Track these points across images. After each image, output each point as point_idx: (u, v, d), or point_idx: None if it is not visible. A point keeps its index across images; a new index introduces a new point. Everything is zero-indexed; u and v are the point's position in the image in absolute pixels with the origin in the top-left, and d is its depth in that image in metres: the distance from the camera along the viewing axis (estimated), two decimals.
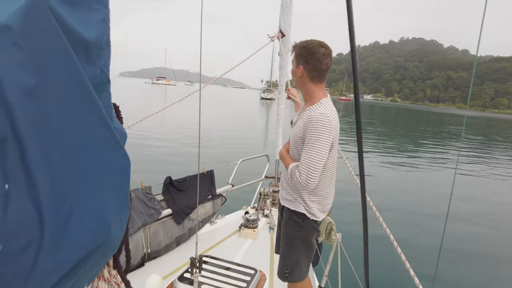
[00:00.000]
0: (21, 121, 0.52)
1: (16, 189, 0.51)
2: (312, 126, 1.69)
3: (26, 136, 0.53)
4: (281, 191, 2.05)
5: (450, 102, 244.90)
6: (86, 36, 0.69)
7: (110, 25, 0.80)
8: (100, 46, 0.75)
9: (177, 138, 13.48)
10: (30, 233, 0.52)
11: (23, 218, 0.52)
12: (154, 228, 2.62)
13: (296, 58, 1.85)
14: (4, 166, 0.49)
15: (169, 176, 2.92)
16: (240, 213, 3.71)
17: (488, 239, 6.37)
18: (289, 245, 1.93)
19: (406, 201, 8.13)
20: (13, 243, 0.49)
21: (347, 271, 2.29)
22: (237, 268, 2.47)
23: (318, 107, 1.77)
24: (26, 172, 0.53)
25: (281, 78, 3.92)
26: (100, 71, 0.76)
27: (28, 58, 0.55)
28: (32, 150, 0.53)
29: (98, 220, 0.68)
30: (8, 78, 0.51)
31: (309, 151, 1.69)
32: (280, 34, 3.60)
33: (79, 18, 0.68)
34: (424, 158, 14.71)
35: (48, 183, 0.56)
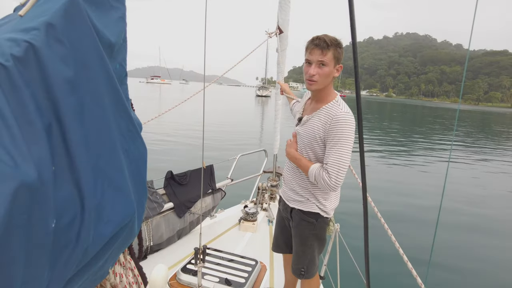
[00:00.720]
0: (64, 109, 0.58)
1: (61, 172, 0.57)
2: (339, 126, 1.63)
3: (68, 123, 0.59)
4: (287, 193, 1.96)
5: (444, 97, 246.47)
6: (108, 34, 0.75)
7: (126, 21, 0.86)
8: (119, 42, 0.81)
9: (177, 135, 13.54)
10: (74, 210, 0.59)
11: (68, 198, 0.58)
12: (156, 221, 2.67)
13: (336, 58, 1.69)
14: (51, 150, 0.55)
15: (170, 171, 2.98)
16: (240, 207, 3.77)
17: (482, 225, 6.55)
18: (304, 244, 1.91)
19: (400, 193, 8.26)
20: (62, 219, 0.56)
21: (346, 260, 2.36)
22: (238, 259, 2.53)
23: (338, 105, 1.70)
24: (68, 156, 0.59)
25: (279, 74, 3.97)
26: (119, 65, 0.82)
27: (69, 53, 0.61)
28: (72, 136, 0.60)
29: (125, 202, 0.75)
30: (52, 70, 0.57)
31: (338, 152, 1.62)
32: (278, 30, 3.64)
33: (102, 16, 0.74)
34: (418, 151, 14.87)
35: (86, 166, 0.63)
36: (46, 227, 0.53)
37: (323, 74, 1.68)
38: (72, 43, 0.62)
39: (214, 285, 2.18)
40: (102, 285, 0.92)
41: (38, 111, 0.54)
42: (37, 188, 0.50)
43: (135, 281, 1.06)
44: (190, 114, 19.26)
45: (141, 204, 0.88)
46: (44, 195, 0.52)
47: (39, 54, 0.56)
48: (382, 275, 4.15)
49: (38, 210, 0.51)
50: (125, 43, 0.84)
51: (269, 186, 3.93)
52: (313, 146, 1.74)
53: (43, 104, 0.55)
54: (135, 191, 0.81)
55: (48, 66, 0.56)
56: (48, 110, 0.56)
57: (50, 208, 0.54)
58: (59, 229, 0.56)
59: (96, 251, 0.67)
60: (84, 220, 0.61)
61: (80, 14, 0.64)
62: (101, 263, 0.74)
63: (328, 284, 2.51)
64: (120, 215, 0.73)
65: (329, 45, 1.65)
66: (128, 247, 1.08)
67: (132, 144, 0.81)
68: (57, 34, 0.59)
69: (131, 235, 0.84)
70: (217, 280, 2.23)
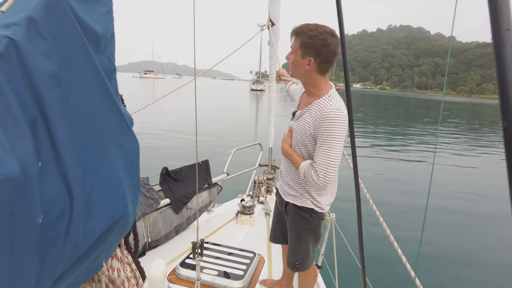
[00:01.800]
0: (48, 104, 0.58)
1: (47, 167, 0.57)
2: (328, 124, 1.55)
3: (52, 118, 0.58)
4: (283, 186, 1.96)
5: (438, 89, 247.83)
6: (95, 27, 0.74)
7: (113, 16, 0.85)
8: (106, 36, 0.80)
9: (170, 130, 13.47)
10: (62, 205, 0.59)
11: (56, 192, 0.58)
12: (153, 217, 2.67)
13: (303, 48, 1.60)
14: (36, 145, 0.55)
15: (166, 167, 2.97)
16: (236, 201, 3.78)
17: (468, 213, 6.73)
18: (298, 238, 1.91)
19: (393, 184, 8.35)
20: (50, 214, 0.56)
21: (342, 248, 2.40)
22: (237, 252, 2.55)
23: (330, 101, 1.61)
24: (55, 151, 0.59)
25: (271, 67, 3.96)
26: (108, 60, 0.82)
27: (52, 48, 0.60)
28: (58, 131, 0.59)
29: (117, 196, 0.75)
30: (34, 65, 0.57)
31: (326, 151, 1.56)
32: (269, 23, 3.62)
33: (88, 10, 0.73)
34: (409, 143, 15.01)
35: (74, 161, 0.62)
36: (32, 221, 0.53)
37: (291, 62, 1.68)
38: (54, 37, 0.61)
39: (213, 278, 2.20)
40: (99, 279, 0.92)
41: (21, 106, 0.54)
42: (21, 182, 0.49)
43: (133, 275, 1.06)
44: (184, 109, 19.20)
45: (135, 198, 0.88)
46: (28, 190, 0.51)
47: (20, 49, 0.55)
48: (377, 262, 4.25)
49: (22, 205, 0.50)
50: (113, 37, 0.84)
51: (265, 179, 3.95)
52: (305, 142, 1.70)
53: (26, 99, 0.55)
54: (129, 186, 0.81)
55: (30, 61, 0.56)
56: (32, 105, 0.56)
57: (36, 203, 0.53)
58: (47, 223, 0.55)
59: (87, 245, 0.67)
60: (73, 215, 0.61)
61: (62, 7, 0.64)
62: (94, 257, 0.74)
63: (326, 273, 2.54)
64: (111, 209, 0.73)
65: (297, 33, 1.61)
66: (125, 242, 1.09)
67: (124, 139, 0.81)
68: (38, 28, 0.59)
69: (125, 229, 0.84)
70: (216, 273, 2.25)
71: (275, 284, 2.30)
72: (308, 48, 1.59)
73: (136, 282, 1.06)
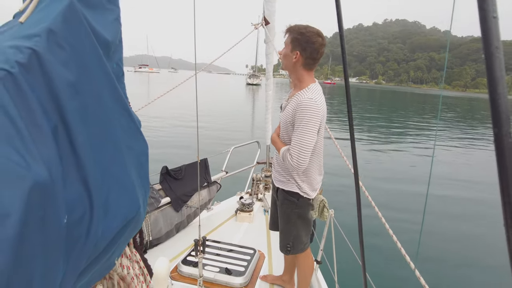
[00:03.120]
0: (68, 111, 0.61)
1: (69, 172, 0.60)
2: (301, 111, 1.75)
3: (72, 125, 0.62)
4: (274, 174, 2.12)
5: (433, 83, 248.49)
6: (105, 35, 0.77)
7: (121, 22, 0.88)
8: (116, 42, 0.83)
9: (168, 128, 13.42)
10: (83, 207, 0.63)
11: (77, 196, 0.62)
12: (154, 216, 2.70)
13: (293, 43, 1.83)
14: (59, 152, 0.58)
15: (165, 166, 3.00)
16: (235, 199, 3.82)
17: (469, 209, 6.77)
18: (288, 222, 2.04)
19: (392, 179, 8.43)
20: (72, 215, 0.60)
21: (341, 244, 2.45)
22: (237, 249, 2.60)
23: (307, 92, 1.81)
24: (75, 156, 0.62)
25: (268, 65, 3.98)
26: (116, 65, 0.85)
27: (69, 57, 0.63)
28: (78, 137, 0.63)
29: (130, 197, 0.78)
30: (55, 74, 0.60)
31: (299, 135, 1.75)
32: (264, 21, 3.63)
33: (99, 19, 0.76)
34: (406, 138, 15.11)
35: (92, 165, 0.66)
36: (59, 222, 0.56)
37: (282, 55, 1.91)
38: (72, 47, 0.64)
39: (215, 275, 2.24)
40: (110, 276, 0.96)
41: (44, 114, 0.57)
42: (49, 187, 0.53)
43: (141, 272, 1.10)
44: (179, 107, 19.07)
45: (145, 198, 0.91)
46: (55, 193, 0.55)
47: (42, 60, 0.58)
48: (376, 255, 4.32)
49: (51, 207, 0.54)
50: (120, 43, 0.87)
51: (263, 176, 3.99)
52: (288, 130, 1.89)
53: (48, 107, 0.58)
54: (139, 186, 0.85)
55: (51, 70, 0.59)
56: (54, 112, 0.59)
57: (61, 205, 0.57)
58: (70, 224, 0.59)
59: (105, 244, 0.71)
60: (93, 215, 0.65)
61: (78, 18, 0.67)
62: (109, 255, 0.78)
63: (325, 268, 2.59)
64: (126, 209, 0.77)
65: (289, 30, 1.86)
66: (133, 241, 1.13)
67: (134, 141, 0.85)
68: (57, 39, 0.61)
69: (136, 227, 0.88)
70: (218, 270, 2.29)
71: (277, 280, 2.35)
72: (296, 43, 1.83)
73: (144, 279, 1.10)
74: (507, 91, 0.42)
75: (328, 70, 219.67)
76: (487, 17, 0.38)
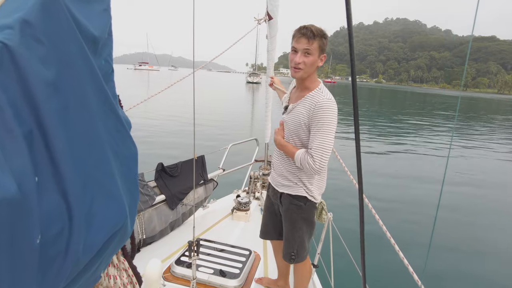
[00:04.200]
0: (46, 114, 0.54)
1: (45, 181, 0.53)
2: (322, 112, 1.70)
3: (50, 129, 0.54)
4: (275, 178, 2.02)
5: (433, 83, 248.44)
6: (92, 28, 0.70)
7: (111, 15, 0.81)
8: (104, 36, 0.76)
9: (165, 125, 13.31)
10: (61, 222, 0.56)
11: (54, 209, 0.55)
12: (148, 214, 2.65)
13: (320, 48, 1.76)
14: (33, 159, 0.51)
15: (161, 163, 2.94)
16: (232, 197, 3.77)
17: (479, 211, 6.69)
18: (293, 228, 1.96)
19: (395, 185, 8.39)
20: (48, 233, 0.53)
21: (339, 248, 2.40)
22: (232, 249, 2.54)
23: (321, 93, 1.77)
24: (53, 164, 0.55)
25: (269, 62, 3.91)
26: (105, 61, 0.77)
27: (48, 52, 0.56)
28: (57, 143, 0.55)
29: (117, 206, 0.72)
30: (31, 72, 0.52)
31: (321, 137, 1.69)
32: (267, 16, 3.56)
33: (84, 10, 0.69)
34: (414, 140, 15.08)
35: (73, 173, 0.59)
36: (30, 243, 0.49)
37: (308, 63, 1.75)
38: (51, 41, 0.57)
39: (208, 277, 2.19)
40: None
41: (16, 117, 0.50)
42: (19, 203, 0.46)
43: (129, 281, 1.04)
44: (178, 103, 18.97)
45: (133, 205, 0.85)
46: (26, 209, 0.48)
47: (14, 55, 0.50)
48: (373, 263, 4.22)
49: (20, 226, 0.47)
50: (110, 37, 0.79)
51: (261, 174, 3.93)
52: (299, 133, 1.82)
53: (22, 109, 0.51)
54: (127, 193, 0.78)
55: (26, 67, 0.51)
56: (29, 116, 0.52)
57: (34, 223, 0.50)
58: (46, 242, 0.52)
59: (88, 260, 0.64)
60: (73, 230, 0.58)
61: (59, 8, 0.59)
62: (93, 270, 0.71)
63: (322, 272, 2.55)
64: (112, 220, 0.70)
65: (315, 35, 1.72)
66: (122, 248, 1.07)
67: (122, 145, 0.78)
68: (34, 32, 0.54)
69: (124, 237, 0.82)
70: (212, 271, 2.24)
71: (272, 283, 2.30)
72: (324, 47, 1.77)
73: (132, 287, 1.04)
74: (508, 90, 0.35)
75: (329, 69, 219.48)
76: None
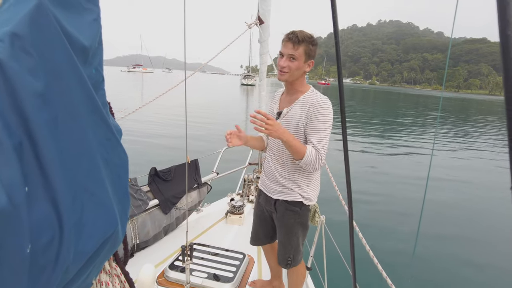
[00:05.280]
0: (35, 125, 0.55)
1: (35, 191, 0.54)
2: (321, 110, 1.75)
3: (40, 140, 0.55)
4: (268, 185, 2.00)
5: (426, 84, 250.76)
6: (82, 38, 0.70)
7: (101, 24, 0.82)
8: (94, 45, 0.77)
9: (158, 129, 13.21)
10: (52, 231, 0.57)
11: (44, 218, 0.55)
12: (141, 218, 2.64)
13: (306, 54, 1.77)
14: (23, 170, 0.52)
15: (154, 167, 2.94)
16: (226, 200, 3.77)
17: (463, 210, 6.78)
18: (290, 233, 1.96)
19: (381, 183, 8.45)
20: (38, 242, 0.54)
21: (332, 251, 2.42)
22: (226, 253, 2.55)
23: (316, 93, 1.83)
24: (43, 174, 0.56)
25: (261, 65, 3.94)
26: (95, 70, 0.78)
27: (38, 64, 0.57)
28: (46, 153, 0.56)
29: (107, 214, 0.73)
30: (20, 85, 0.53)
31: (322, 134, 1.74)
32: (258, 21, 3.59)
33: (74, 20, 0.69)
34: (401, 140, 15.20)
35: (63, 182, 0.60)
36: (21, 253, 0.50)
37: (293, 67, 1.78)
38: (40, 53, 0.58)
39: (202, 281, 2.20)
40: None
41: (5, 129, 0.50)
42: (9, 214, 0.47)
43: (122, 287, 1.05)
44: (172, 106, 18.84)
45: (124, 212, 0.86)
46: (16, 219, 0.49)
47: (4, 68, 0.51)
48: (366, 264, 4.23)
49: (10, 237, 0.47)
50: (100, 46, 0.80)
51: (255, 178, 3.94)
52: (298, 134, 1.83)
53: (11, 121, 0.51)
54: (118, 200, 0.79)
55: (15, 79, 0.52)
56: (18, 127, 0.52)
57: (24, 233, 0.51)
58: (36, 251, 0.53)
59: (78, 268, 0.65)
60: (63, 239, 0.59)
61: (48, 20, 0.60)
62: (84, 278, 0.72)
63: (315, 275, 2.56)
64: (102, 228, 0.71)
65: (300, 41, 1.74)
66: (114, 253, 1.07)
67: (112, 153, 0.79)
68: (23, 44, 0.55)
69: (115, 245, 0.82)
70: (206, 275, 2.25)
71: (266, 285, 2.32)
72: (311, 53, 1.80)
73: None
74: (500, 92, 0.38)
75: (323, 71, 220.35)
76: None
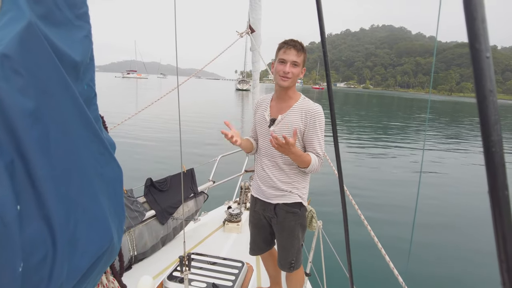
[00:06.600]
0: (26, 143, 0.55)
1: (27, 209, 0.54)
2: (318, 117, 1.88)
3: (32, 158, 0.55)
4: (264, 192, 2.01)
5: (419, 88, 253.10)
6: (73, 55, 0.71)
7: (92, 40, 0.82)
8: (86, 61, 0.77)
9: (153, 138, 12.93)
10: (45, 248, 0.56)
11: (37, 236, 0.55)
12: (138, 230, 2.62)
13: (304, 62, 1.92)
14: (14, 188, 0.52)
15: (150, 178, 2.93)
16: (223, 208, 3.76)
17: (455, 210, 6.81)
18: (292, 236, 2.01)
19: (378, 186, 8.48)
20: (31, 260, 0.53)
21: (330, 256, 2.42)
22: (224, 262, 2.53)
23: (309, 101, 1.94)
24: (35, 192, 0.55)
25: (254, 73, 3.97)
26: (87, 86, 0.78)
27: (28, 83, 0.57)
28: (38, 171, 0.56)
29: (102, 228, 0.72)
30: (10, 104, 0.53)
31: (320, 139, 1.89)
32: (249, 29, 3.61)
33: (64, 38, 0.70)
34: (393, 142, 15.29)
35: (55, 199, 0.59)
36: (13, 272, 0.49)
37: (295, 73, 1.88)
38: (30, 72, 0.58)
39: None
40: None
41: None
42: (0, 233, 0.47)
43: None
44: (166, 114, 18.69)
45: (120, 226, 0.85)
46: (8, 238, 0.48)
47: None
48: (364, 267, 4.26)
49: (2, 256, 0.47)
50: (92, 62, 0.80)
51: (251, 184, 3.94)
52: (299, 138, 1.91)
53: (2, 140, 0.51)
54: (113, 214, 0.79)
55: (5, 99, 0.52)
56: (8, 146, 0.52)
57: (16, 251, 0.50)
58: (29, 269, 0.53)
59: (72, 284, 0.64)
60: (57, 256, 0.58)
61: (37, 40, 0.60)
62: None
63: (314, 280, 2.55)
64: (97, 243, 0.70)
65: (302, 49, 1.88)
66: (111, 267, 1.06)
67: (106, 167, 0.78)
68: (13, 64, 0.55)
69: (111, 258, 0.82)
70: (204, 285, 2.23)
71: None
72: (305, 61, 1.93)
73: None
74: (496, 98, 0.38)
75: (317, 76, 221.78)
76: (480, 58, 0.34)
